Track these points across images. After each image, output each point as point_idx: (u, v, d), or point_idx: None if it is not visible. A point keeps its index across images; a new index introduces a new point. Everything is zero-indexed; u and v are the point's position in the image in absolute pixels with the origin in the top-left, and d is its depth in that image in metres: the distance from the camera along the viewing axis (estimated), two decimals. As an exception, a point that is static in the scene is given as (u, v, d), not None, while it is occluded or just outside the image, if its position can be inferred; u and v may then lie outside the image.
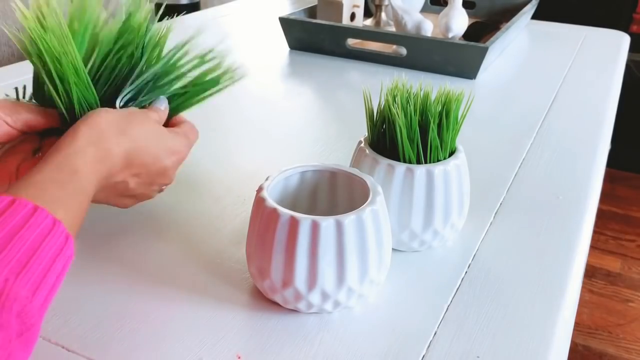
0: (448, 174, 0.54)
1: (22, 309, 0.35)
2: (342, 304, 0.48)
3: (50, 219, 0.40)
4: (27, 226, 0.38)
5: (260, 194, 0.48)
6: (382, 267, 0.49)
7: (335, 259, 0.46)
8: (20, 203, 0.39)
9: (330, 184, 0.54)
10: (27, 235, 0.38)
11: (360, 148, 0.58)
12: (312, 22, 1.18)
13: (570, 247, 0.60)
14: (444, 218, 0.55)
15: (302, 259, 0.46)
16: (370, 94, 0.58)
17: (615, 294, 1.78)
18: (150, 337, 0.47)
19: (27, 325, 0.36)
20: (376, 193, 0.49)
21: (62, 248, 0.40)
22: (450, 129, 0.55)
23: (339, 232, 0.45)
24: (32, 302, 0.36)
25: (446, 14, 1.17)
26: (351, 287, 0.47)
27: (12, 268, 0.36)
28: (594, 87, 1.06)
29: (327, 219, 0.45)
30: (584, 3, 2.31)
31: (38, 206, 0.39)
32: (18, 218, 0.38)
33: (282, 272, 0.47)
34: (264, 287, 0.49)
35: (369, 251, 0.47)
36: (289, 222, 0.46)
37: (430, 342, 0.47)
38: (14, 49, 1.24)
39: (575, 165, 0.76)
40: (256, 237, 0.48)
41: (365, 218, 0.46)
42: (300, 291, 0.47)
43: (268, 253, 0.47)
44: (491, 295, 0.52)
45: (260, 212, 0.48)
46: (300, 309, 0.49)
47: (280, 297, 0.49)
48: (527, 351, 0.46)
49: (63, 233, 0.40)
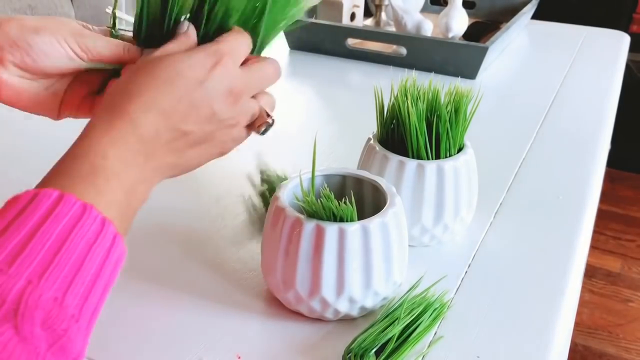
0: (458, 170, 0.55)
1: (48, 316, 0.31)
2: (368, 309, 0.48)
3: (79, 205, 0.34)
4: (51, 217, 0.33)
5: (277, 203, 0.47)
6: (404, 267, 0.49)
7: (362, 264, 0.46)
8: (46, 194, 0.34)
9: (339, 188, 0.53)
10: (51, 229, 0.33)
11: (370, 145, 0.58)
12: (312, 22, 1.18)
13: (571, 247, 0.60)
14: (454, 212, 0.56)
15: (329, 267, 0.45)
16: (377, 92, 0.58)
17: (615, 294, 1.77)
18: (150, 337, 0.47)
19: (58, 333, 0.31)
20: (393, 194, 0.49)
21: (96, 237, 0.34)
22: (460, 125, 0.56)
23: (365, 236, 0.45)
24: (62, 305, 0.32)
25: (446, 14, 1.17)
26: (377, 291, 0.47)
27: (35, 269, 0.31)
28: (594, 87, 1.05)
29: (353, 225, 0.45)
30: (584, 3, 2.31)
31: (64, 193, 0.34)
32: (40, 212, 0.33)
33: (309, 282, 0.46)
34: (287, 298, 0.48)
35: (393, 253, 0.47)
36: (314, 231, 0.45)
37: (430, 341, 0.47)
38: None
39: (575, 165, 0.76)
40: (277, 248, 0.47)
41: (389, 221, 0.46)
42: (328, 300, 0.46)
43: (292, 263, 0.46)
44: (491, 295, 0.52)
45: (281, 221, 0.46)
46: (327, 318, 0.48)
47: (305, 307, 0.48)
48: (527, 351, 0.46)
49: (96, 218, 0.34)
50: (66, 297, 0.32)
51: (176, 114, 0.42)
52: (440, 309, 0.48)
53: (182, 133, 0.43)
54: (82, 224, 0.34)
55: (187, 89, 0.42)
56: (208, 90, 0.43)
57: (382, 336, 0.44)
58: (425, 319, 0.47)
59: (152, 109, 0.41)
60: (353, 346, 0.44)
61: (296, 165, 0.54)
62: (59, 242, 0.33)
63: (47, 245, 0.32)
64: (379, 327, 0.45)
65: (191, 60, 0.43)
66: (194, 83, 0.43)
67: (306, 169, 0.52)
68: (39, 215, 0.33)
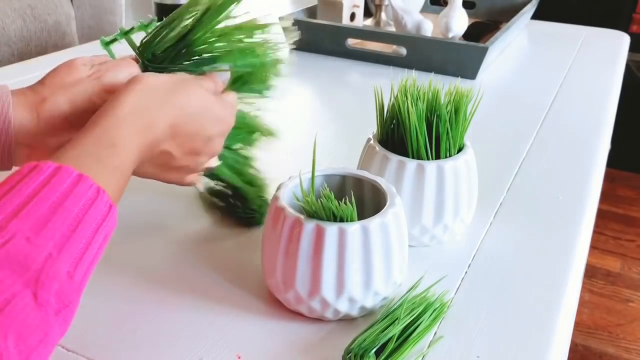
0: (458, 170, 0.55)
1: (61, 287, 0.34)
2: (368, 309, 0.48)
3: (94, 188, 0.38)
4: (71, 196, 0.36)
5: (277, 203, 0.47)
6: (404, 267, 0.49)
7: (362, 264, 0.45)
8: (67, 171, 0.37)
9: (339, 188, 0.53)
10: (71, 206, 0.36)
11: (370, 145, 0.58)
12: (312, 22, 1.18)
13: (570, 247, 0.60)
14: (454, 212, 0.56)
15: (329, 267, 0.45)
16: (377, 92, 0.58)
17: (615, 294, 1.77)
18: (150, 337, 0.47)
19: (65, 303, 0.35)
20: (393, 195, 0.49)
21: (104, 219, 0.38)
22: (460, 125, 0.56)
23: (365, 236, 0.45)
24: (72, 279, 0.35)
25: (446, 14, 1.17)
26: (377, 291, 0.47)
27: (56, 242, 0.35)
28: (594, 87, 1.05)
29: (353, 225, 0.45)
30: (584, 3, 2.31)
31: (82, 174, 0.37)
32: (64, 187, 0.36)
33: (309, 282, 0.46)
34: (287, 298, 0.48)
35: (393, 253, 0.47)
36: (314, 231, 0.45)
37: (430, 341, 0.47)
38: (13, 49, 1.24)
39: (575, 165, 0.76)
40: (277, 248, 0.47)
41: (389, 221, 0.46)
42: (328, 300, 0.46)
43: (292, 263, 0.46)
44: (491, 295, 0.52)
45: (281, 221, 0.46)
46: (327, 318, 0.48)
47: (305, 307, 0.48)
48: (527, 351, 0.46)
49: (107, 203, 0.38)
50: (76, 272, 0.36)
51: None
52: (441, 309, 0.48)
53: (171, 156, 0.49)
54: (95, 207, 0.38)
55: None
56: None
57: (382, 336, 0.44)
58: (425, 319, 0.47)
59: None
60: (353, 346, 0.44)
61: (296, 165, 0.54)
62: (76, 221, 0.36)
63: (67, 222, 0.36)
64: (379, 327, 0.45)
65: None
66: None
67: (306, 169, 0.52)
68: (62, 192, 0.36)
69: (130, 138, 0.43)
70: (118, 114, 0.43)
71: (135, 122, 0.44)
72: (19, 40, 1.24)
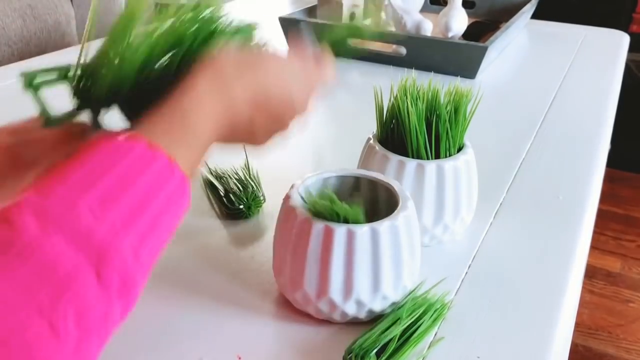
0: (458, 169, 0.55)
1: (125, 268, 0.33)
2: (376, 312, 0.48)
3: (168, 165, 0.36)
4: (144, 172, 0.34)
5: (288, 202, 0.47)
6: (415, 272, 0.49)
7: (371, 267, 0.45)
8: (141, 146, 0.35)
9: (352, 189, 0.53)
10: (142, 182, 0.34)
11: (370, 145, 0.58)
12: (312, 22, 1.18)
13: (571, 247, 0.60)
14: (454, 212, 0.56)
15: (338, 269, 0.45)
16: (377, 92, 0.58)
17: (615, 295, 1.77)
18: (151, 337, 0.47)
19: (127, 287, 0.33)
20: (406, 198, 0.49)
21: (177, 197, 0.36)
22: (460, 125, 0.56)
23: (374, 239, 0.45)
24: (137, 261, 0.33)
25: (446, 13, 1.17)
26: (386, 295, 0.46)
27: (124, 220, 0.33)
28: (593, 87, 1.05)
29: (362, 227, 0.45)
30: (584, 3, 2.31)
31: (156, 150, 0.36)
32: (136, 162, 0.35)
33: (317, 283, 0.46)
34: (295, 298, 0.48)
35: (403, 257, 0.46)
36: (323, 232, 0.45)
37: (430, 342, 0.47)
38: (13, 49, 1.24)
39: (575, 165, 0.76)
40: (286, 248, 0.47)
41: (399, 224, 0.46)
42: (336, 301, 0.46)
43: (301, 264, 0.46)
44: (491, 296, 0.52)
45: (291, 221, 0.46)
46: (335, 320, 0.48)
47: (313, 309, 0.47)
48: (528, 351, 0.46)
49: (181, 179, 0.36)
50: (140, 252, 0.34)
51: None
52: (441, 309, 0.48)
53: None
54: (167, 184, 0.36)
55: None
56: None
57: (383, 337, 0.44)
58: (426, 320, 0.47)
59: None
60: (354, 347, 0.44)
61: (295, 165, 0.54)
62: (144, 199, 0.34)
63: (135, 200, 0.34)
64: (380, 327, 0.45)
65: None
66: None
67: (319, 170, 0.52)
68: (134, 168, 0.34)
69: (210, 122, 0.41)
70: (194, 96, 0.41)
71: (215, 104, 0.42)
72: (19, 40, 1.24)
